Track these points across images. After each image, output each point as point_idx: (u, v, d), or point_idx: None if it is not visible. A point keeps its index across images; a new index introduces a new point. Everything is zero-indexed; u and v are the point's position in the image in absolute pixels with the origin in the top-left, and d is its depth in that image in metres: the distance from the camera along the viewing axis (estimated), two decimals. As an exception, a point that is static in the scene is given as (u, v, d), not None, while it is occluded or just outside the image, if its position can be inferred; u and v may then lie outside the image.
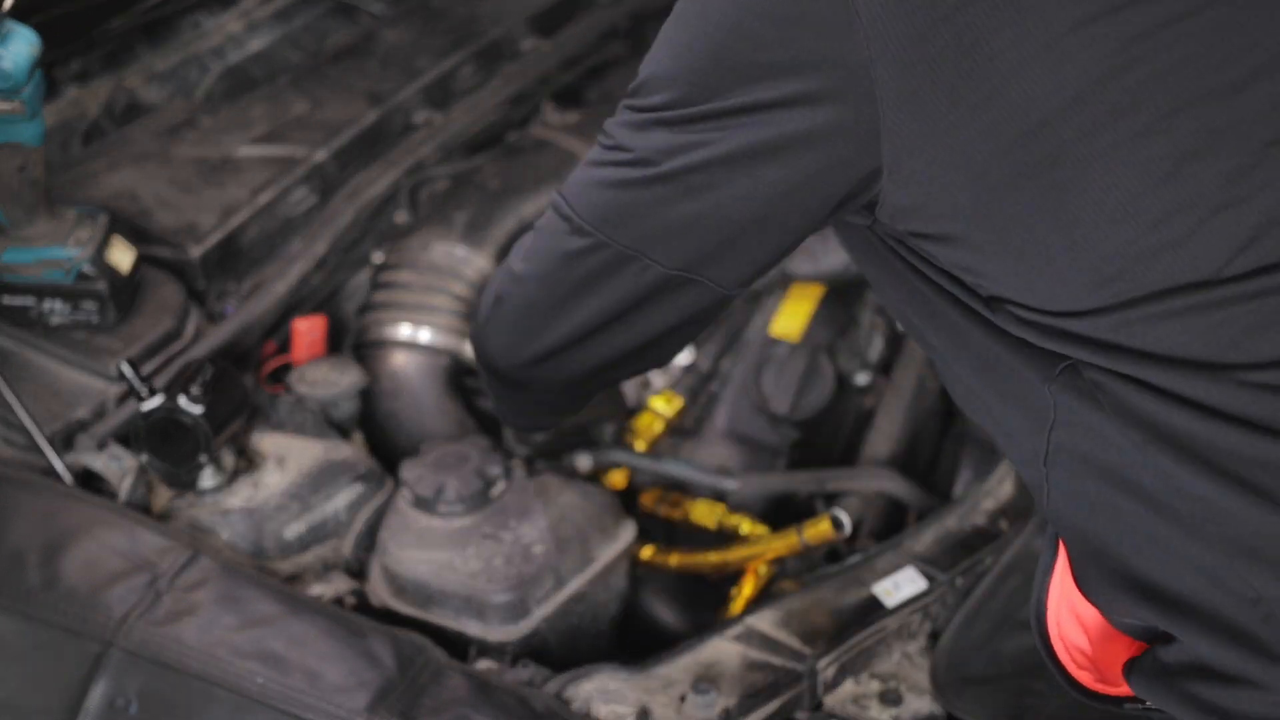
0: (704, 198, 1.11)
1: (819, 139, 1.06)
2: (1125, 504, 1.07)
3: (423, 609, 1.55)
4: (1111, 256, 1.03)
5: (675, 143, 1.10)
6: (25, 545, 1.46)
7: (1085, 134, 1.01)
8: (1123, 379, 1.05)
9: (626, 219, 1.15)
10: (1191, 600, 1.05)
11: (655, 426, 1.82)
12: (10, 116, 1.57)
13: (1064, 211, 1.03)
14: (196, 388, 1.56)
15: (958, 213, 1.06)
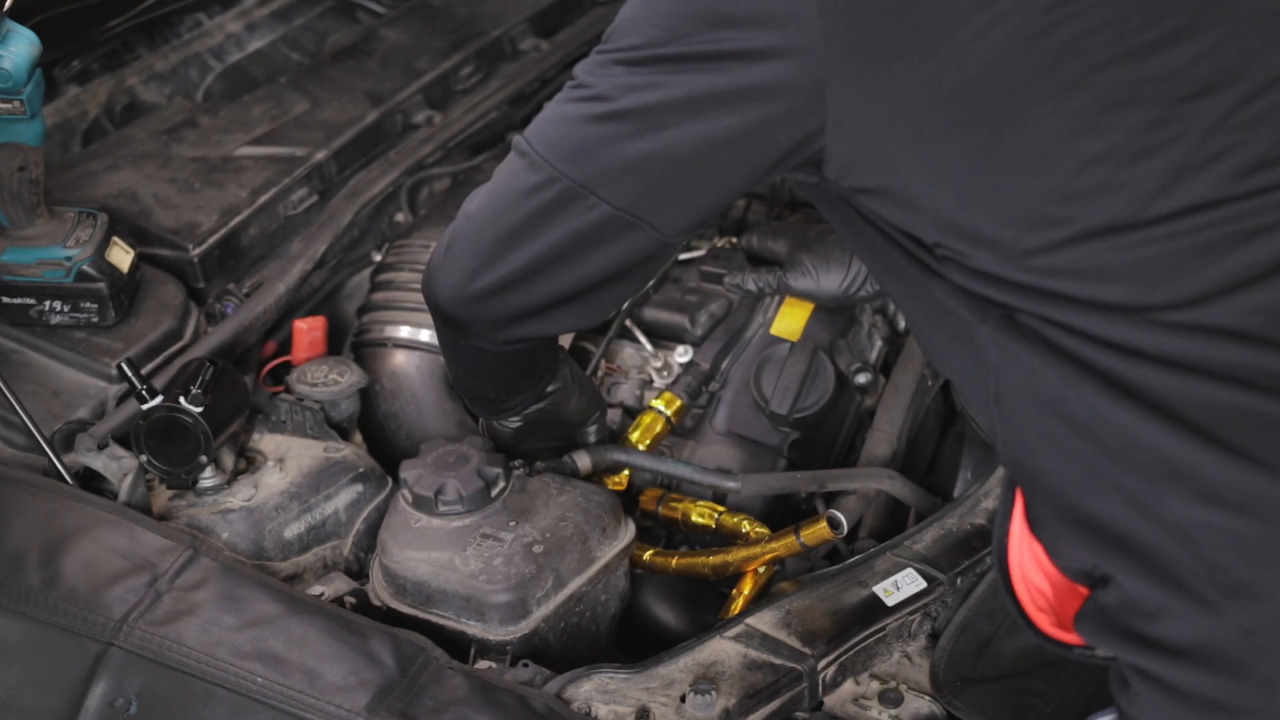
0: (654, 138, 1.17)
1: (768, 91, 1.12)
2: (1065, 436, 1.13)
3: (423, 609, 1.55)
4: (1038, 202, 1.09)
5: (633, 82, 1.17)
6: (25, 545, 1.46)
7: (1014, 88, 1.07)
8: (1051, 323, 1.11)
9: (580, 154, 1.21)
10: (1123, 529, 1.11)
11: (655, 426, 1.82)
12: (10, 116, 1.57)
13: (994, 161, 1.10)
14: (196, 388, 1.56)
15: (897, 166, 1.13)
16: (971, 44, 1.07)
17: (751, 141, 1.16)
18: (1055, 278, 1.10)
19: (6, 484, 1.52)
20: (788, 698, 1.43)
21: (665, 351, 1.93)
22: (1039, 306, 1.12)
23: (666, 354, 1.92)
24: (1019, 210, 1.10)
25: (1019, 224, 1.10)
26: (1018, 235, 1.10)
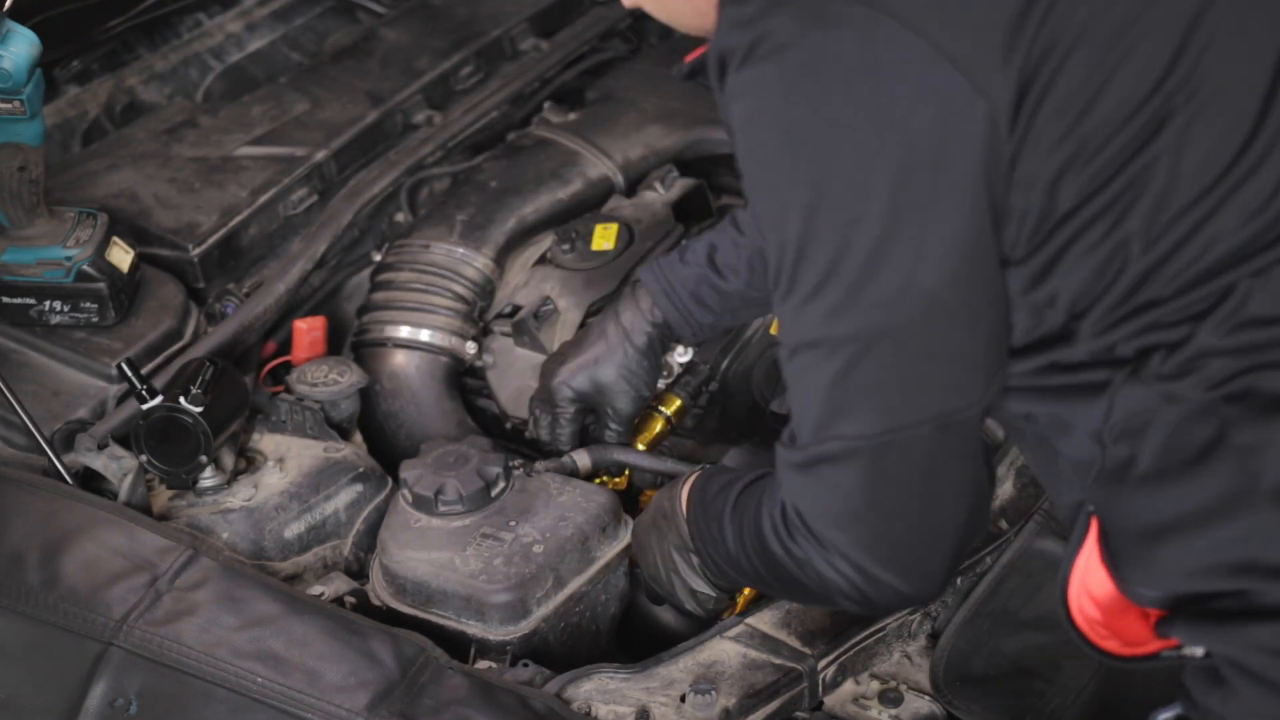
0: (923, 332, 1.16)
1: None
2: (1184, 472, 1.12)
3: (423, 609, 1.55)
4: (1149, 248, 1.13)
5: (857, 302, 1.15)
6: (25, 545, 1.46)
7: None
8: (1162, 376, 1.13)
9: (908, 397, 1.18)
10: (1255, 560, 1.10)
11: (655, 426, 1.82)
12: (10, 116, 1.57)
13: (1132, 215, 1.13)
14: (196, 388, 1.56)
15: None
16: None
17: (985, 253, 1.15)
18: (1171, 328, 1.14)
19: (6, 484, 1.52)
20: (788, 698, 1.43)
21: (665, 351, 1.92)
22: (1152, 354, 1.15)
23: (667, 354, 1.92)
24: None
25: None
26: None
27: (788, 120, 1.13)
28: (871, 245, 1.12)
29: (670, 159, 2.19)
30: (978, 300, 1.16)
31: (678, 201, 2.10)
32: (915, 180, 1.11)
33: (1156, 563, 1.15)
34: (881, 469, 1.19)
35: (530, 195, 2.07)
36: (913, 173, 1.11)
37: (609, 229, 2.01)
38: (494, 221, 2.02)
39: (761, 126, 1.15)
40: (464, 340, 1.92)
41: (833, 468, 1.21)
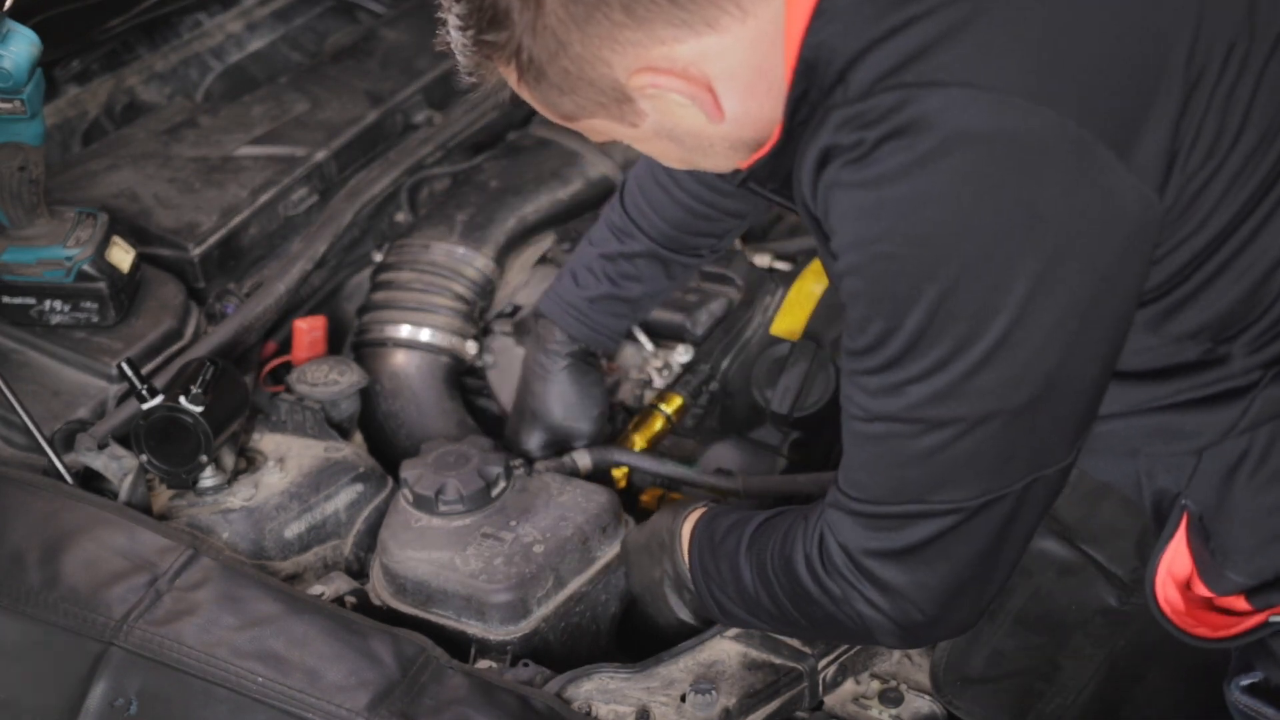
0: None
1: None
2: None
3: (423, 609, 1.55)
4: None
5: (969, 382, 1.11)
6: (25, 545, 1.46)
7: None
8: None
9: (1002, 465, 1.15)
10: None
11: (656, 425, 1.82)
12: (10, 116, 1.57)
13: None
14: (196, 387, 1.56)
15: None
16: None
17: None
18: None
19: (6, 484, 1.52)
20: (788, 697, 1.43)
21: (665, 351, 1.93)
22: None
23: (667, 354, 1.92)
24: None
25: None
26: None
27: (960, 232, 1.06)
28: (1001, 335, 1.07)
29: (670, 159, 2.19)
30: (1096, 369, 1.14)
31: (678, 201, 2.10)
32: (1061, 271, 1.07)
33: (1265, 555, 1.19)
34: (960, 527, 1.17)
35: (530, 195, 2.07)
36: (1060, 264, 1.06)
37: (609, 229, 2.01)
38: (494, 221, 2.02)
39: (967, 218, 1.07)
40: (464, 340, 1.92)
41: (910, 524, 1.18)
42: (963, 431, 1.11)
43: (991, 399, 1.10)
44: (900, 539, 1.19)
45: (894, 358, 1.10)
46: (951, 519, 1.16)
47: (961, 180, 1.04)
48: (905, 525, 1.18)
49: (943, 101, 1.03)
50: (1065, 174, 1.04)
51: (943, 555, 1.19)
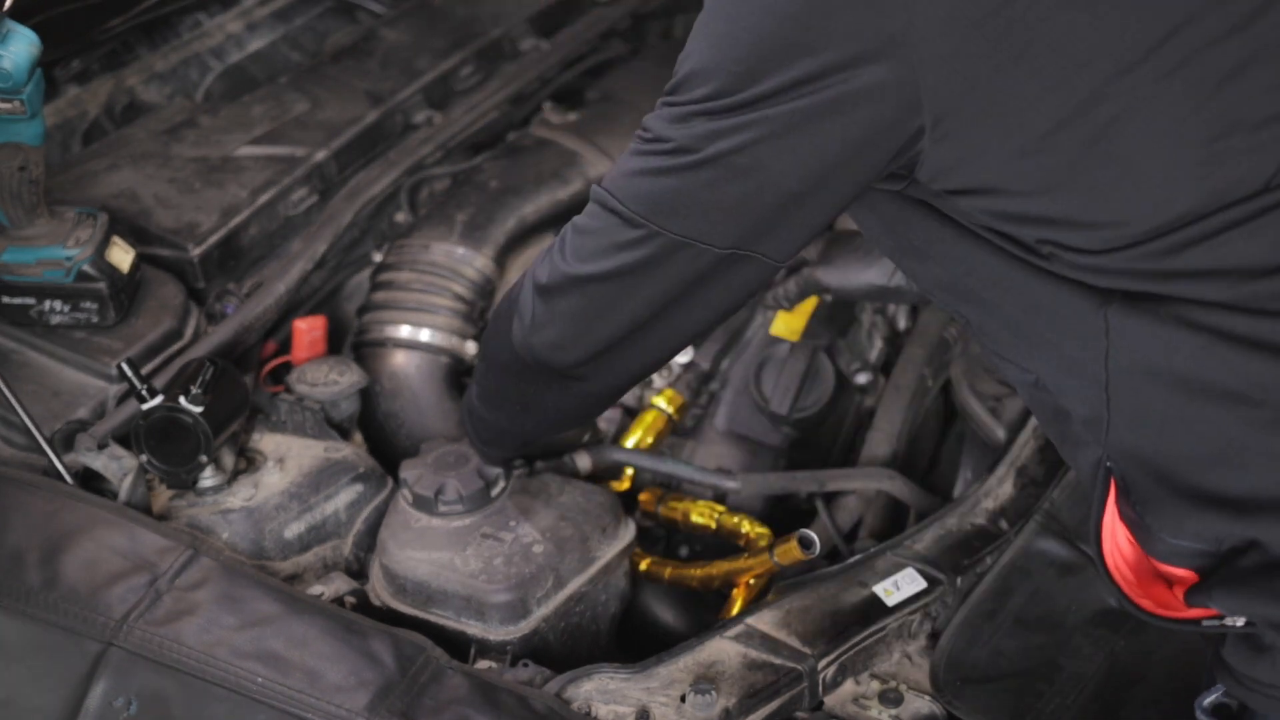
0: (752, 177, 1.14)
1: (861, 102, 1.09)
2: (1198, 410, 1.12)
3: (423, 609, 1.55)
4: (1163, 184, 1.09)
5: (719, 128, 1.13)
6: (25, 545, 1.46)
7: (1126, 71, 1.07)
8: (1183, 301, 1.11)
9: (676, 206, 1.18)
10: (1274, 494, 1.11)
11: (657, 424, 1.82)
12: (10, 116, 1.57)
13: (1113, 147, 1.09)
14: (196, 387, 1.56)
15: (1003, 165, 1.11)
16: (1080, 40, 1.07)
17: (852, 156, 1.13)
18: (1183, 255, 1.10)
19: (6, 484, 1.52)
20: (788, 698, 1.43)
21: (665, 351, 1.92)
22: (1167, 285, 1.12)
23: (667, 354, 1.92)
24: (1143, 196, 1.10)
25: (1143, 209, 1.10)
26: (1142, 220, 1.10)
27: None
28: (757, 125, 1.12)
29: (670, 159, 2.18)
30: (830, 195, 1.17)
31: (678, 201, 2.10)
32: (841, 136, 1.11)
33: (1175, 505, 1.16)
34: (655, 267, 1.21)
35: (530, 195, 2.07)
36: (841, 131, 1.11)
37: (609, 229, 2.01)
38: (494, 221, 2.02)
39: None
40: (464, 340, 1.92)
41: (615, 224, 1.23)
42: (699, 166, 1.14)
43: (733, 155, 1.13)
44: (589, 244, 1.26)
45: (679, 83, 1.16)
46: (601, 212, 1.24)
47: None
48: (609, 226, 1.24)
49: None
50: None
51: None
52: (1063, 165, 1.10)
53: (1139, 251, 1.11)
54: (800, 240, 1.21)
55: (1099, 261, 1.13)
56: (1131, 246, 1.11)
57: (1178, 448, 1.15)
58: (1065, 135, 1.09)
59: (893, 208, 1.24)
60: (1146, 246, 1.11)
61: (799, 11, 1.08)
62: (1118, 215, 1.11)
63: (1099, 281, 1.14)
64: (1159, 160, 1.09)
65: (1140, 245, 1.11)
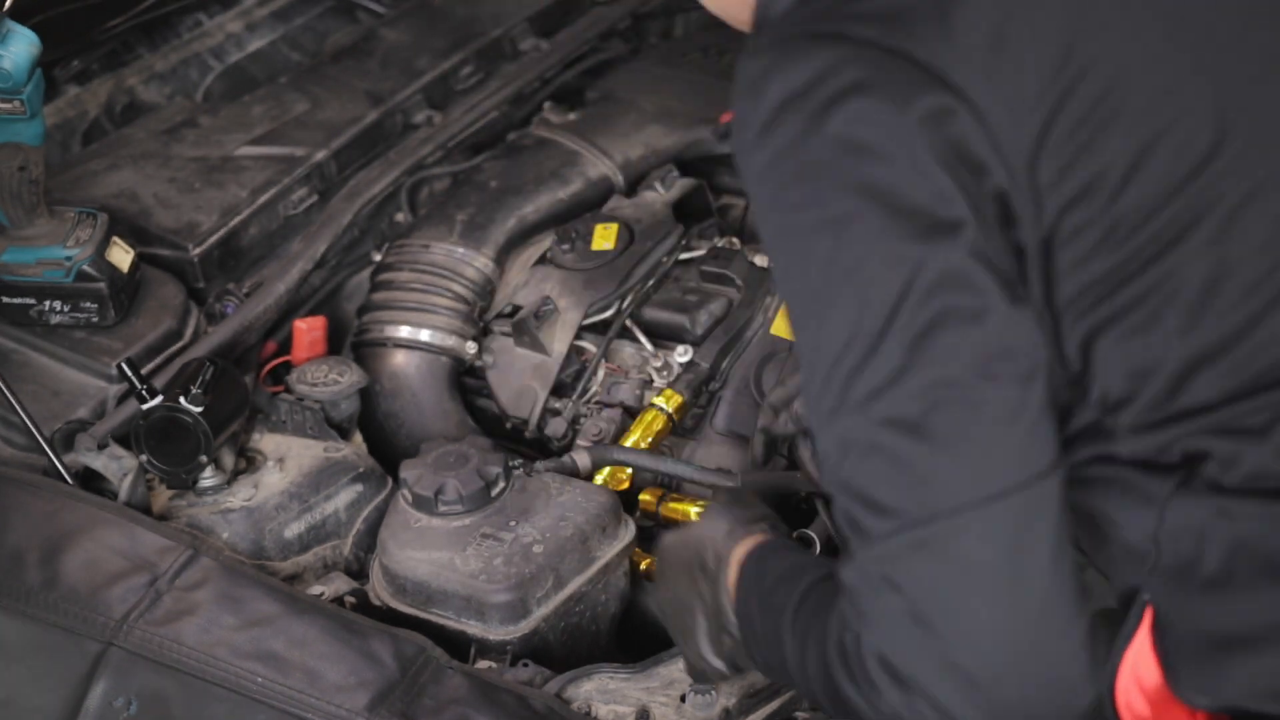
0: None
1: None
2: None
3: (423, 609, 1.55)
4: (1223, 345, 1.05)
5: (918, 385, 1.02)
6: (25, 545, 1.46)
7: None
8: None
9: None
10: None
11: (657, 424, 1.82)
12: (10, 116, 1.57)
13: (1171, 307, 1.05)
14: (196, 387, 1.55)
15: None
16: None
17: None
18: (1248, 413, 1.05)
19: (6, 484, 1.52)
20: (788, 697, 1.43)
21: (665, 351, 1.92)
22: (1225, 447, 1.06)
23: (666, 354, 1.92)
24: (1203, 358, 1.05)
25: (1204, 373, 1.05)
26: (1198, 386, 1.05)
27: (808, 173, 1.03)
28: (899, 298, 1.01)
29: (670, 159, 2.19)
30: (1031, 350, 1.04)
31: (678, 201, 2.10)
32: (952, 215, 1.02)
33: (1219, 673, 1.08)
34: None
35: (530, 195, 2.07)
36: (951, 208, 1.01)
37: (609, 229, 2.01)
38: (494, 221, 2.02)
39: (781, 195, 1.06)
40: (464, 340, 1.92)
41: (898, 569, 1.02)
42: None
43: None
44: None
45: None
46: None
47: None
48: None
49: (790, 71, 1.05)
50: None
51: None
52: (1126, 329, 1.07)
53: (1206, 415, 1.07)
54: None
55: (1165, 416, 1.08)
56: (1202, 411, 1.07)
57: (1228, 614, 1.07)
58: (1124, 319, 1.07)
59: None
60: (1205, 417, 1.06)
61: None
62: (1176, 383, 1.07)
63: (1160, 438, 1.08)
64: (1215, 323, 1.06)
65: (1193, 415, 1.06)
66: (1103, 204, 1.04)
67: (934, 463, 1.00)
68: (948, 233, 1.01)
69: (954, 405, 1.00)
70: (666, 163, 2.17)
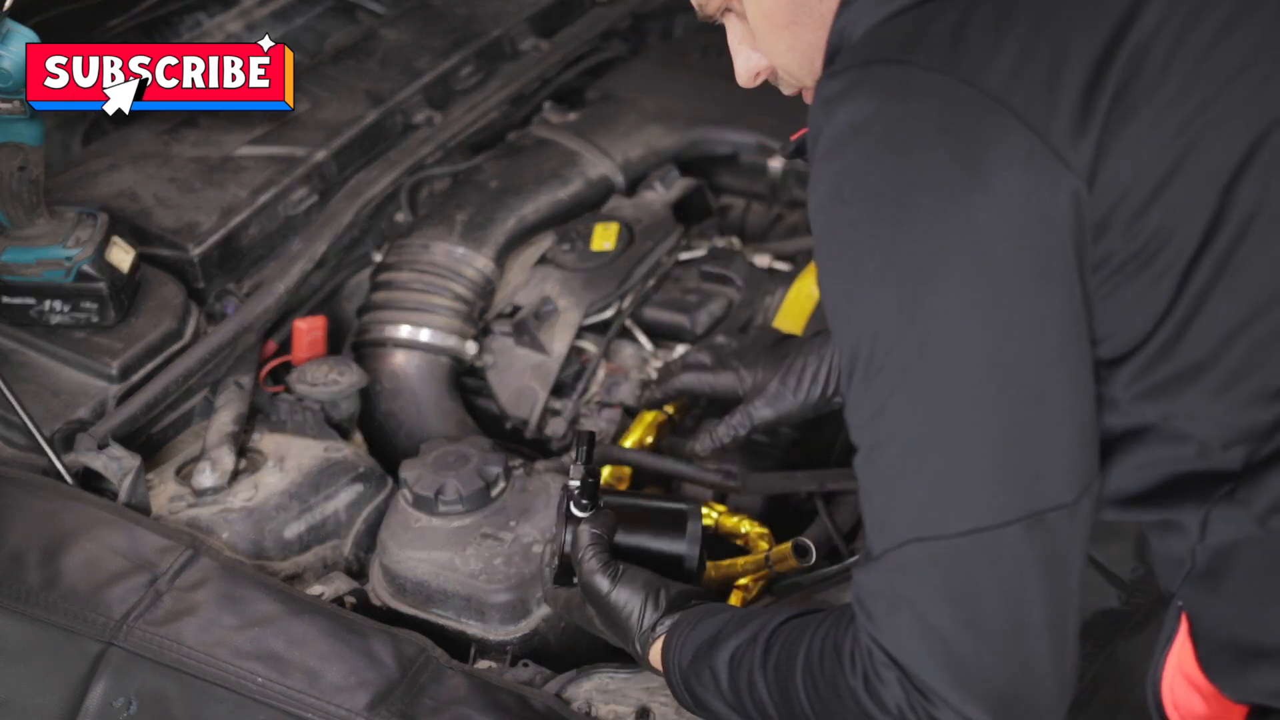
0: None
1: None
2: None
3: (423, 609, 1.55)
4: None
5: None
6: (25, 545, 1.46)
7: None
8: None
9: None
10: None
11: (657, 423, 1.81)
12: (10, 116, 1.57)
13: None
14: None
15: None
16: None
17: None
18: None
19: (6, 484, 1.52)
20: (788, 698, 1.43)
21: (665, 351, 1.93)
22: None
23: (666, 354, 1.92)
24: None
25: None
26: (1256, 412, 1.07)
27: (868, 194, 1.04)
28: (957, 319, 1.03)
29: (670, 159, 2.19)
30: (1069, 388, 1.06)
31: (678, 201, 2.10)
32: (1002, 251, 1.02)
33: (1248, 679, 1.10)
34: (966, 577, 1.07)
35: (530, 195, 2.07)
36: (1001, 243, 1.02)
37: (609, 229, 2.01)
38: (494, 221, 2.02)
39: (840, 209, 1.06)
40: (464, 340, 1.92)
41: (911, 580, 1.07)
42: (943, 437, 1.05)
43: (963, 394, 1.05)
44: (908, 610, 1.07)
45: (867, 365, 1.07)
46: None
47: (899, 161, 1.04)
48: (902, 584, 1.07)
49: (875, 87, 1.06)
50: (999, 155, 1.01)
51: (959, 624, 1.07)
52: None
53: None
54: (1077, 469, 1.09)
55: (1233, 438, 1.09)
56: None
57: (1257, 624, 1.10)
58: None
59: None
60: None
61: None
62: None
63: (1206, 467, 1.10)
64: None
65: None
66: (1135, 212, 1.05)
67: (954, 481, 1.05)
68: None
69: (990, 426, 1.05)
70: (666, 163, 2.17)
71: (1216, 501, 1.09)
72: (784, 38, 1.20)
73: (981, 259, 1.02)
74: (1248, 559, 1.08)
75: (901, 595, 1.07)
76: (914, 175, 1.03)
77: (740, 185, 2.24)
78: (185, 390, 1.71)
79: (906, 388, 1.05)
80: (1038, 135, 1.01)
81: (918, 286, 1.03)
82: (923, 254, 1.03)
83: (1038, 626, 1.07)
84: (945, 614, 1.06)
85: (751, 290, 1.95)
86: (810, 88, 1.23)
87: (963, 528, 1.05)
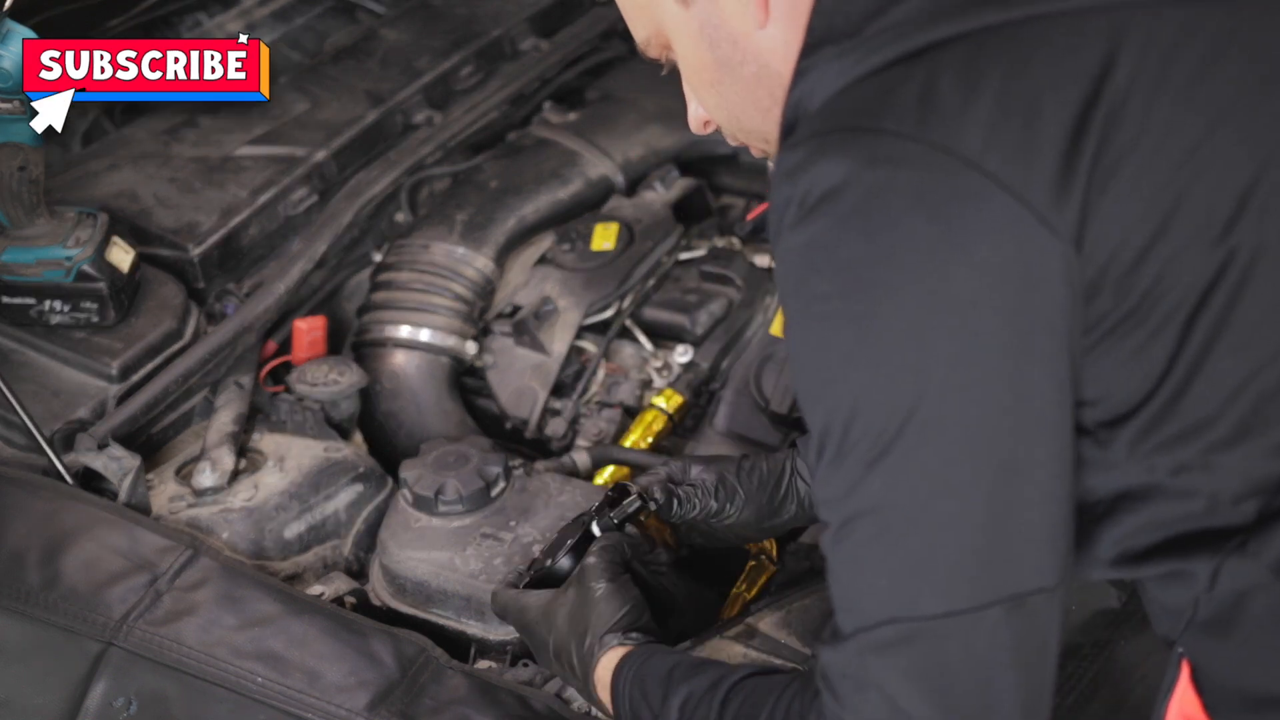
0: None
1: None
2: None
3: (423, 609, 1.55)
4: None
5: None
6: (25, 545, 1.46)
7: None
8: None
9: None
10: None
11: (657, 424, 1.82)
12: (10, 116, 1.57)
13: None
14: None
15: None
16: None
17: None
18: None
19: (6, 484, 1.52)
20: (788, 698, 1.43)
21: (665, 351, 1.93)
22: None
23: (666, 354, 1.92)
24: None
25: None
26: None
27: (840, 265, 0.99)
28: (937, 395, 0.98)
29: (670, 159, 2.19)
30: (1053, 468, 1.03)
31: (678, 201, 2.10)
32: (985, 323, 0.98)
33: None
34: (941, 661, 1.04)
35: (530, 195, 2.07)
36: (983, 315, 0.98)
37: (609, 229, 2.01)
38: (494, 221, 2.02)
39: (811, 281, 1.01)
40: (464, 340, 1.92)
41: (882, 662, 1.04)
42: (919, 516, 1.02)
43: (945, 470, 1.01)
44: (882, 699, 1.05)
45: (840, 441, 1.02)
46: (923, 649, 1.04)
47: (874, 230, 0.99)
48: (876, 667, 1.05)
49: (845, 154, 1.00)
50: (981, 223, 0.97)
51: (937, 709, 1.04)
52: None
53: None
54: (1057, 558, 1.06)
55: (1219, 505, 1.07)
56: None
57: (1267, 673, 1.08)
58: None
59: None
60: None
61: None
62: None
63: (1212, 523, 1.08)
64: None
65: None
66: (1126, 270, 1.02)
67: (930, 564, 1.03)
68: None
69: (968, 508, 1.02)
70: (666, 163, 2.17)
71: (1228, 554, 1.06)
72: (711, 94, 1.18)
73: (962, 332, 0.98)
74: (1259, 608, 1.06)
75: (870, 677, 1.04)
76: (890, 245, 0.98)
77: (740, 185, 2.24)
78: (185, 390, 1.71)
79: (883, 464, 1.00)
80: (1019, 200, 0.96)
81: (895, 361, 0.99)
82: (900, 327, 0.98)
83: (1010, 711, 1.05)
84: (915, 698, 1.03)
85: (751, 290, 1.95)
86: (752, 145, 1.21)
87: (940, 609, 1.02)
